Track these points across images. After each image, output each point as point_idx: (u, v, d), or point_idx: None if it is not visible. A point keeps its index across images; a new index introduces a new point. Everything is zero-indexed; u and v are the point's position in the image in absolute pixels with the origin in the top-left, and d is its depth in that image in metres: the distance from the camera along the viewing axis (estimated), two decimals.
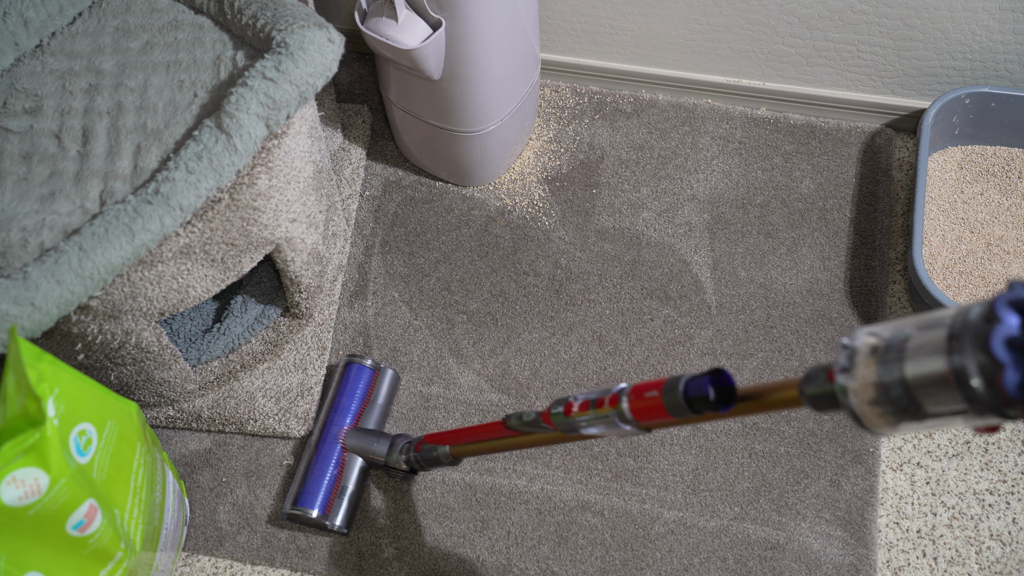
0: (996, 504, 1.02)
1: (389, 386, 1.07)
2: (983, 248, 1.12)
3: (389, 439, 1.00)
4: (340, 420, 1.03)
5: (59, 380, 0.73)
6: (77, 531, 0.75)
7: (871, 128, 1.25)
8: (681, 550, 1.01)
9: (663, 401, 0.60)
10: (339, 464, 1.01)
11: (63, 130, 0.85)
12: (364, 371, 1.06)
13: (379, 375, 1.07)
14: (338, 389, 1.05)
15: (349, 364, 1.06)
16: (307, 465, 1.02)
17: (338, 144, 1.26)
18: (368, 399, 1.05)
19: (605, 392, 0.66)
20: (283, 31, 0.83)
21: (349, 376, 1.06)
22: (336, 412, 1.04)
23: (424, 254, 1.20)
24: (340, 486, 1.00)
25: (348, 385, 1.05)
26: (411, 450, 0.96)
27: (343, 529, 1.00)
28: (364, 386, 1.05)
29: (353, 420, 1.03)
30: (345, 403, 1.04)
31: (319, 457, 1.01)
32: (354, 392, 1.05)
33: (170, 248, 0.83)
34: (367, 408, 1.05)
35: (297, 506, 0.99)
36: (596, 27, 1.23)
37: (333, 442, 1.02)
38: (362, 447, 1.00)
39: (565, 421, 0.70)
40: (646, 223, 1.20)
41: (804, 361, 1.10)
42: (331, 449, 1.02)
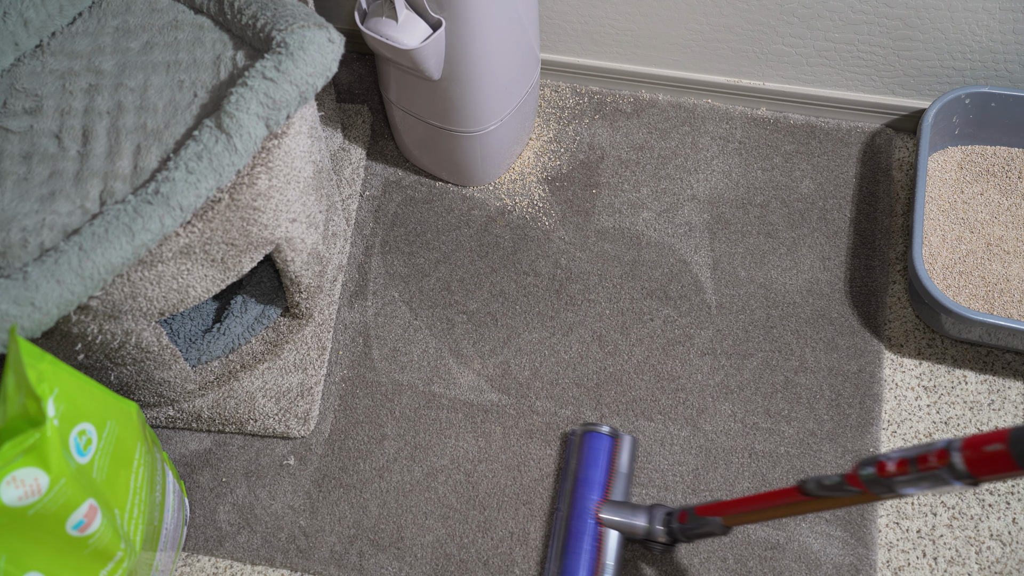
0: (996, 504, 1.02)
1: (630, 453, 1.02)
2: (983, 248, 1.12)
3: (646, 510, 0.95)
4: (589, 494, 0.98)
5: (59, 380, 0.73)
6: (77, 531, 0.75)
7: (871, 128, 1.25)
8: (681, 550, 1.00)
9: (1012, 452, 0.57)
10: (596, 540, 0.96)
11: (63, 130, 0.85)
12: (604, 440, 1.01)
13: (619, 443, 1.02)
14: (580, 461, 1.00)
15: (588, 434, 1.02)
16: (562, 544, 0.97)
17: (338, 144, 1.26)
18: (612, 469, 1.00)
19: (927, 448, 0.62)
20: (283, 31, 0.83)
21: (590, 446, 1.01)
22: (583, 485, 0.99)
23: (424, 254, 1.20)
24: (601, 563, 0.95)
25: (591, 456, 1.00)
26: (673, 521, 0.92)
27: None
28: (606, 455, 1.00)
29: (601, 492, 0.98)
30: (591, 475, 0.99)
31: (574, 534, 0.96)
32: (597, 463, 0.99)
33: (170, 248, 0.83)
34: (613, 478, 0.99)
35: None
36: (596, 27, 1.23)
37: (586, 517, 0.97)
38: (619, 521, 0.95)
39: (879, 482, 0.65)
40: (646, 223, 1.20)
41: (804, 361, 1.10)
42: (585, 525, 0.96)
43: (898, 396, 1.08)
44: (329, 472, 1.07)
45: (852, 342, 1.11)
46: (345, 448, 1.08)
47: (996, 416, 1.06)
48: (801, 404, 1.07)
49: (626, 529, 0.95)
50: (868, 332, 1.11)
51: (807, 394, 1.08)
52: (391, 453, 1.08)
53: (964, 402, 1.07)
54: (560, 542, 0.98)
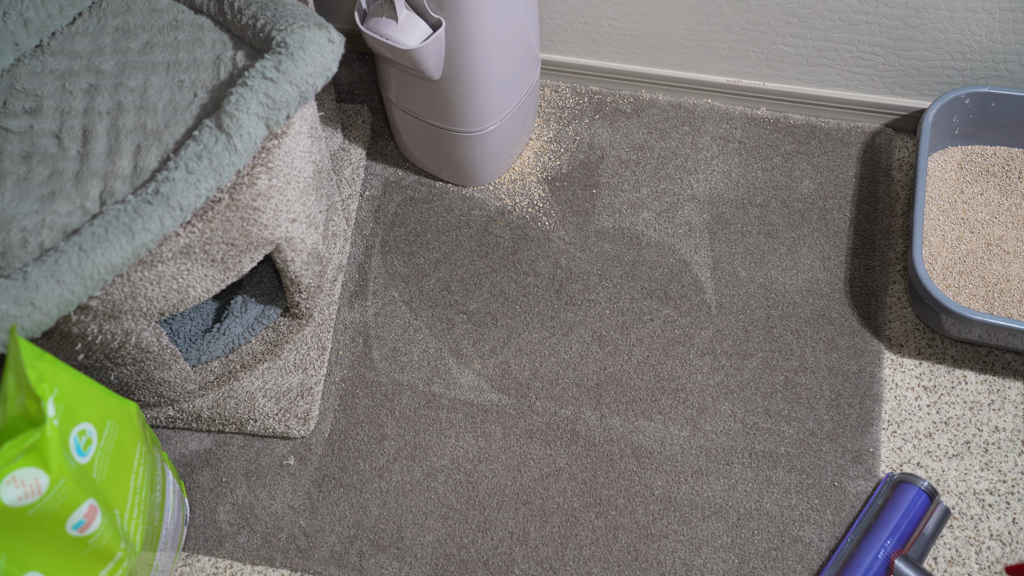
0: (996, 504, 1.02)
1: (939, 520, 1.00)
2: (983, 248, 1.12)
3: None
4: (889, 539, 0.97)
5: (59, 380, 0.73)
6: (77, 531, 0.75)
7: (871, 128, 1.25)
8: (682, 550, 1.00)
9: None
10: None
11: (63, 130, 0.85)
12: (923, 497, 0.99)
13: (935, 506, 1.00)
14: (893, 507, 0.99)
15: (908, 484, 1.00)
16: (844, 568, 0.97)
17: (338, 144, 1.26)
18: (919, 527, 0.98)
19: None
20: (283, 31, 0.83)
21: (907, 497, 0.99)
22: (887, 529, 0.97)
23: (424, 254, 1.20)
24: None
25: (905, 507, 0.99)
26: None
27: None
28: (918, 513, 0.99)
29: (902, 545, 0.97)
30: (900, 524, 0.98)
31: (860, 566, 0.96)
32: (908, 516, 0.98)
33: (170, 248, 0.83)
34: (917, 537, 0.98)
35: None
36: (596, 27, 1.23)
37: (879, 557, 0.96)
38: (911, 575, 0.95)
39: None
40: (646, 223, 1.20)
41: (804, 361, 1.10)
42: (874, 562, 0.96)
43: (898, 396, 1.08)
44: (329, 472, 1.07)
45: (852, 342, 1.11)
46: (345, 448, 1.08)
47: (996, 416, 1.06)
48: (801, 404, 1.07)
49: None
50: (868, 332, 1.11)
51: (807, 394, 1.08)
52: (391, 453, 1.08)
53: (964, 402, 1.07)
54: (843, 565, 0.97)
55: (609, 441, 1.07)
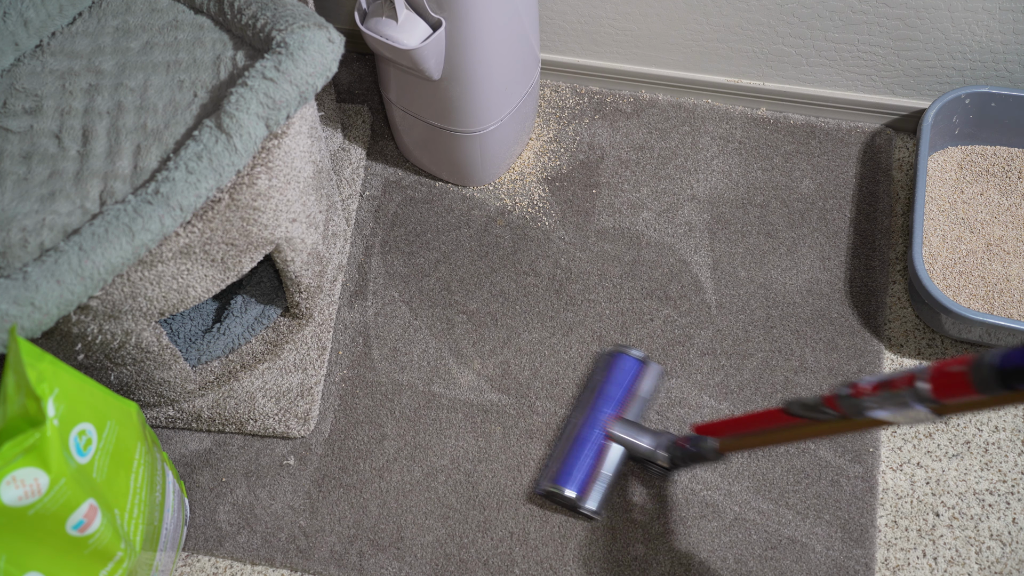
0: (996, 504, 1.02)
1: (654, 380, 1.07)
2: (983, 248, 1.12)
3: (653, 434, 1.00)
4: (605, 407, 1.03)
5: (59, 380, 0.73)
6: (77, 531, 0.75)
7: (871, 128, 1.25)
8: (681, 550, 1.01)
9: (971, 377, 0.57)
10: (599, 450, 1.01)
11: (63, 130, 0.85)
12: (632, 363, 1.06)
13: (646, 368, 1.07)
14: (605, 377, 1.06)
15: (618, 354, 1.07)
16: (568, 446, 1.02)
17: (338, 144, 1.26)
18: (633, 391, 1.05)
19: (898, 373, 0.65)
20: (283, 31, 0.83)
21: (617, 366, 1.06)
22: (602, 399, 1.04)
23: (424, 254, 1.20)
24: (599, 471, 1.00)
25: (616, 375, 1.05)
26: (674, 446, 0.97)
27: (597, 514, 1.01)
28: (631, 378, 1.06)
29: (616, 409, 1.03)
30: (612, 392, 1.04)
31: (581, 440, 1.02)
32: (621, 382, 1.05)
33: (170, 248, 0.83)
34: (632, 400, 1.05)
35: (555, 484, 1.00)
36: (596, 27, 1.23)
37: (596, 428, 1.02)
38: (627, 438, 1.01)
39: (852, 403, 0.68)
40: (646, 223, 1.20)
41: (804, 361, 1.10)
42: (593, 435, 1.02)
43: None
44: (329, 472, 1.07)
45: (852, 342, 1.11)
46: (345, 448, 1.08)
47: (996, 416, 1.06)
48: None
49: (631, 446, 1.01)
50: (868, 332, 1.11)
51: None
52: (391, 453, 1.08)
53: None
54: (566, 444, 1.02)
55: None
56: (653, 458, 0.99)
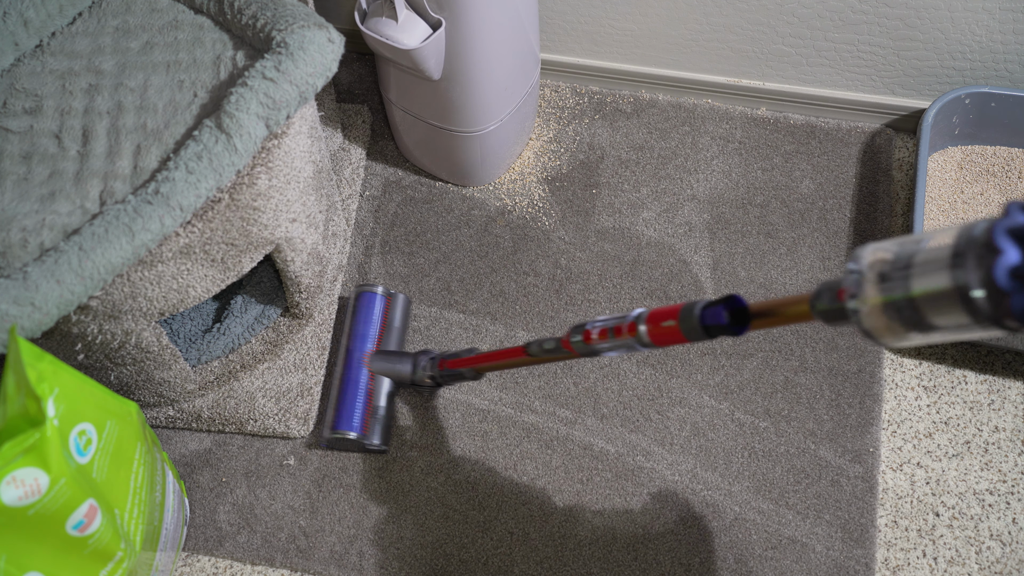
0: (996, 504, 1.02)
1: (403, 309, 1.12)
2: None
3: (411, 357, 1.04)
4: (361, 346, 1.07)
5: (59, 380, 0.73)
6: (77, 531, 0.75)
7: (871, 128, 1.25)
8: (681, 550, 1.01)
9: (681, 328, 0.67)
10: (367, 387, 1.04)
11: (63, 130, 0.85)
12: (377, 298, 1.10)
13: (392, 300, 1.11)
14: (354, 318, 1.09)
15: (362, 294, 1.10)
16: (337, 392, 1.05)
17: (338, 144, 1.26)
18: (384, 324, 1.08)
19: (622, 319, 0.73)
20: (283, 31, 0.83)
21: (363, 304, 1.10)
22: (356, 339, 1.08)
23: (424, 254, 1.20)
24: (372, 407, 1.04)
25: (363, 313, 1.09)
26: (435, 367, 1.01)
27: (382, 447, 1.04)
28: (379, 312, 1.09)
29: (373, 345, 1.07)
30: (363, 330, 1.08)
31: (347, 382, 1.05)
32: (370, 318, 1.08)
33: (170, 248, 0.83)
34: (384, 333, 1.09)
35: (336, 430, 1.02)
36: (596, 27, 1.23)
37: (358, 367, 1.06)
38: (387, 368, 1.05)
39: (586, 347, 0.77)
40: (646, 223, 1.20)
41: (804, 361, 1.10)
42: (357, 374, 1.05)
43: (898, 396, 1.08)
44: (329, 472, 1.07)
45: (852, 342, 1.11)
46: None
47: (996, 416, 1.06)
48: (801, 404, 1.07)
49: (394, 375, 1.05)
50: None
51: (807, 394, 1.08)
52: (391, 453, 1.08)
53: (964, 402, 1.07)
54: (336, 391, 1.05)
55: (608, 441, 1.07)
56: (417, 382, 1.04)
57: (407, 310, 1.13)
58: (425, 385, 1.04)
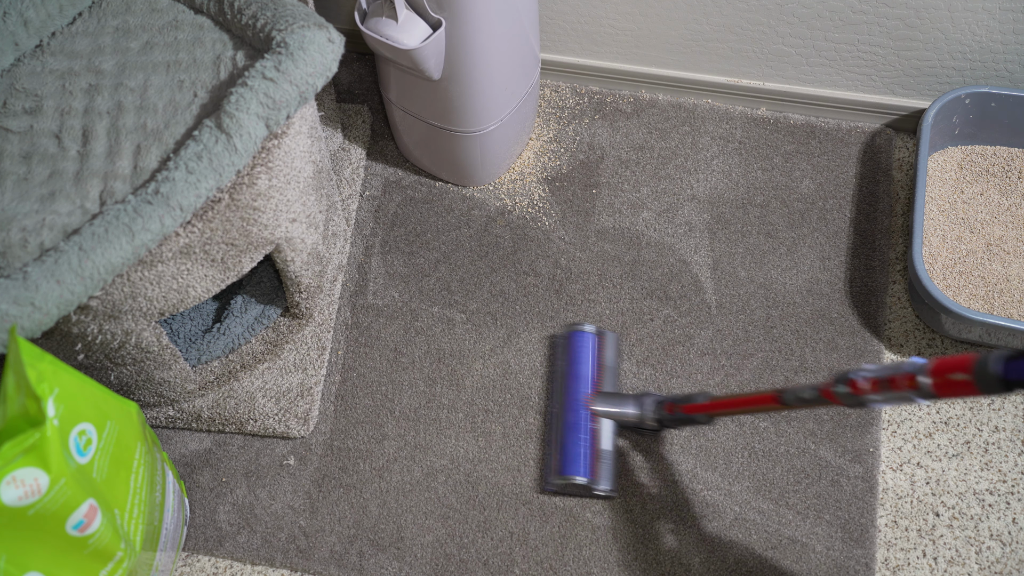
0: (996, 504, 1.02)
1: (615, 347, 1.09)
2: (983, 248, 1.12)
3: (635, 399, 1.02)
4: (579, 387, 1.04)
5: (59, 380, 0.73)
6: (77, 531, 0.75)
7: (871, 128, 1.25)
8: (681, 550, 1.01)
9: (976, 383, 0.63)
10: (590, 430, 1.02)
11: (63, 130, 0.85)
12: (590, 337, 1.07)
13: (603, 339, 1.08)
14: (568, 358, 1.07)
15: (574, 333, 1.08)
16: (560, 435, 1.03)
17: (338, 144, 1.26)
18: (600, 364, 1.06)
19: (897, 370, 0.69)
20: (283, 31, 0.83)
21: (577, 344, 1.07)
22: (573, 380, 1.05)
23: (424, 254, 1.20)
24: (598, 450, 1.01)
25: (578, 353, 1.06)
26: (661, 410, 0.99)
27: (611, 492, 1.01)
28: (593, 351, 1.07)
29: (590, 386, 1.04)
30: (580, 370, 1.05)
31: (570, 426, 1.02)
32: (585, 359, 1.06)
33: (170, 248, 0.83)
34: (602, 373, 1.06)
35: (564, 476, 1.00)
36: (596, 27, 1.23)
37: (579, 409, 1.03)
38: (610, 410, 1.02)
39: (853, 399, 0.73)
40: (646, 223, 1.20)
41: (804, 361, 1.10)
42: (579, 416, 1.02)
43: None
44: (329, 472, 1.07)
45: (852, 342, 1.11)
46: (345, 448, 1.08)
47: (996, 416, 1.06)
48: None
49: (618, 417, 1.02)
50: (868, 332, 1.11)
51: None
52: (391, 453, 1.08)
53: (964, 402, 1.07)
54: (559, 436, 1.03)
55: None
56: (642, 424, 1.01)
57: (618, 348, 1.09)
58: (649, 427, 1.02)
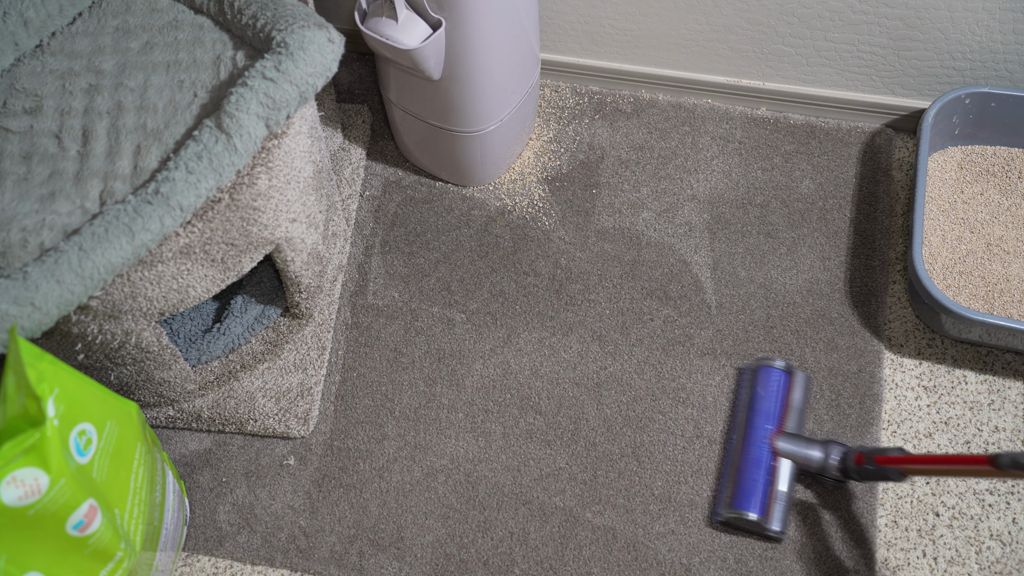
0: (996, 504, 1.02)
1: (804, 388, 1.05)
2: (983, 248, 1.12)
3: (821, 445, 0.98)
4: (764, 423, 1.01)
5: (59, 380, 0.73)
6: (77, 531, 0.75)
7: (871, 128, 1.25)
8: (682, 550, 1.01)
9: None
10: (770, 468, 0.99)
11: (63, 130, 0.85)
12: (780, 375, 1.04)
13: (793, 377, 1.05)
14: (756, 393, 1.04)
15: (763, 368, 1.05)
16: (737, 468, 1.00)
17: (338, 144, 1.26)
18: (787, 403, 1.03)
19: None
20: (283, 31, 0.83)
21: (766, 380, 1.04)
22: (758, 415, 1.02)
23: (424, 254, 1.20)
24: (775, 490, 0.98)
25: (767, 388, 1.03)
26: (849, 460, 0.95)
27: (781, 534, 0.98)
28: (781, 389, 1.03)
29: (776, 424, 1.01)
30: (766, 407, 1.02)
31: (750, 460, 0.99)
32: (773, 396, 1.03)
33: (170, 248, 0.83)
34: (788, 412, 1.02)
35: (736, 509, 0.98)
36: (596, 27, 1.23)
37: (761, 446, 1.00)
38: (794, 452, 0.99)
39: None
40: (646, 223, 1.20)
41: (804, 361, 1.10)
42: (760, 453, 1.00)
43: (898, 396, 1.08)
44: (329, 472, 1.07)
45: (852, 342, 1.11)
46: (345, 448, 1.08)
47: (996, 416, 1.06)
48: None
49: (801, 460, 0.98)
50: (868, 332, 1.11)
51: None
52: (391, 453, 1.08)
53: (964, 402, 1.07)
54: (734, 467, 1.01)
55: (609, 441, 1.07)
56: (825, 471, 0.97)
57: (808, 389, 1.06)
58: (831, 477, 0.98)
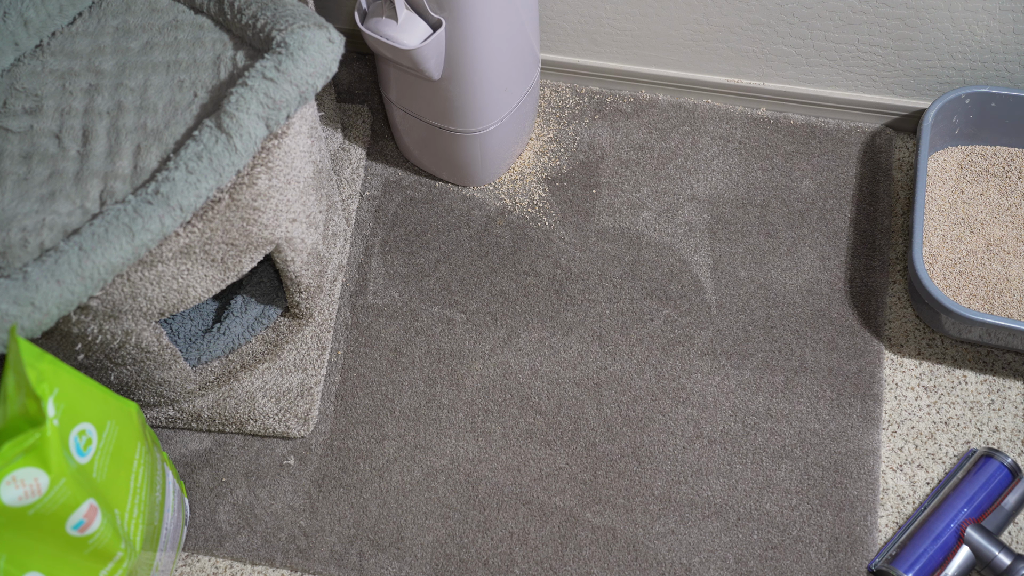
0: None
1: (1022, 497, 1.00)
2: (983, 248, 1.12)
3: (1013, 556, 0.95)
4: (965, 509, 0.98)
5: (59, 380, 0.73)
6: (77, 531, 0.75)
7: (871, 128, 1.25)
8: (682, 550, 1.01)
9: None
10: (948, 550, 0.97)
11: (63, 130, 0.85)
12: (1003, 472, 1.00)
13: (1017, 481, 1.00)
14: (971, 477, 1.00)
15: (990, 458, 1.01)
16: (916, 532, 0.98)
17: (338, 144, 1.26)
18: (998, 500, 0.99)
19: None
20: (283, 31, 0.83)
21: (988, 471, 1.00)
22: (961, 498, 0.99)
23: (424, 254, 1.20)
24: (942, 572, 0.96)
25: (983, 478, 1.00)
26: None
27: None
28: (998, 486, 1.00)
29: (977, 514, 0.98)
30: (975, 494, 0.99)
31: (933, 533, 0.97)
32: (986, 488, 0.99)
33: (170, 248, 0.83)
34: (994, 509, 0.99)
35: (893, 566, 0.96)
36: (596, 27, 1.23)
37: (951, 525, 0.97)
38: (981, 548, 0.96)
39: None
40: (646, 223, 1.20)
41: (804, 361, 1.10)
42: (946, 531, 0.97)
43: (898, 396, 1.08)
44: (329, 472, 1.07)
45: (852, 342, 1.11)
46: (345, 448, 1.08)
47: (996, 416, 1.06)
48: (801, 404, 1.07)
49: (983, 557, 0.96)
50: (868, 332, 1.11)
51: (807, 394, 1.08)
52: (391, 453, 1.08)
53: (964, 402, 1.07)
54: (915, 530, 0.99)
55: (609, 441, 1.07)
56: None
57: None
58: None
